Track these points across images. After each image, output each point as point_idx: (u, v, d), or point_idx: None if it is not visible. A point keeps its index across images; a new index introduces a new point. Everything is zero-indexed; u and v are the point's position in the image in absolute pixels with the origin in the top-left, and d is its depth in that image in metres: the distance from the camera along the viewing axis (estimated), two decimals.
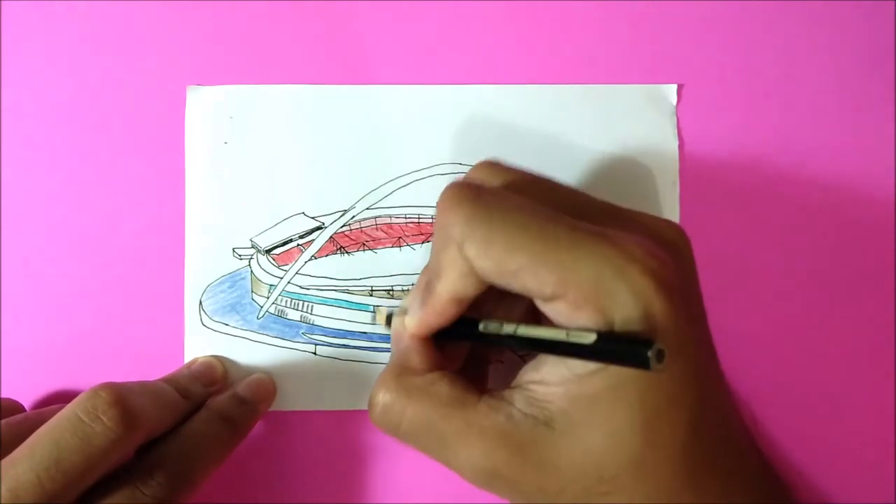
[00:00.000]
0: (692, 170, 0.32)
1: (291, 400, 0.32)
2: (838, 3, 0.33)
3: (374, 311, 0.32)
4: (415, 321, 0.26)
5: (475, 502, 0.31)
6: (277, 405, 0.31)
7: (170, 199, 0.32)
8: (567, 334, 0.22)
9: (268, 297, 0.32)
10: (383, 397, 0.25)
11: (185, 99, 0.32)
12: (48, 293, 0.32)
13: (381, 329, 0.32)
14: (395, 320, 0.27)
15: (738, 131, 0.33)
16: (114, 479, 0.25)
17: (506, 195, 0.24)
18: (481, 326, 0.25)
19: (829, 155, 0.33)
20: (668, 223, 0.26)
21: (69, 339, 0.32)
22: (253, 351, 0.32)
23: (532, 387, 0.24)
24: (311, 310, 0.32)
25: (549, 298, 0.23)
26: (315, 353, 0.32)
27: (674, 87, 0.32)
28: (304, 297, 0.32)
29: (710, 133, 0.33)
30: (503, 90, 0.32)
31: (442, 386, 0.25)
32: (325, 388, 0.32)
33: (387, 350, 0.32)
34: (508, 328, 0.24)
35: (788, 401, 0.32)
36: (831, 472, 0.32)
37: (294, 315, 0.32)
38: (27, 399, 0.31)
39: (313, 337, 0.32)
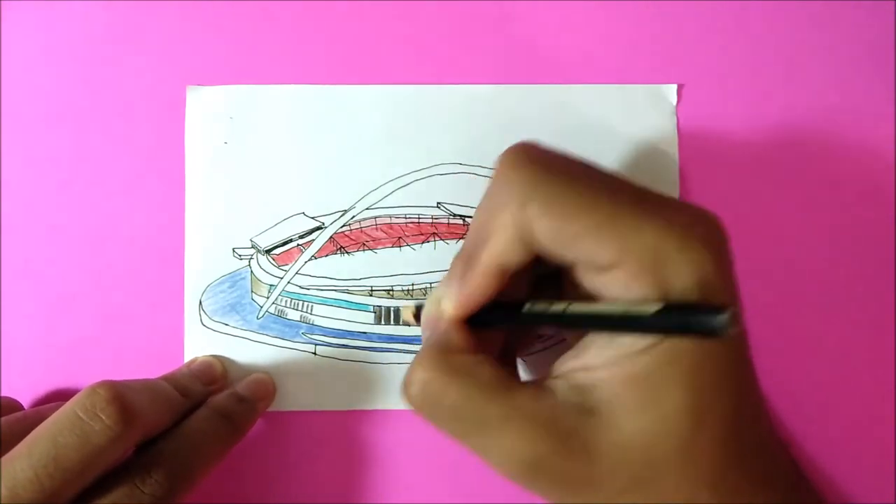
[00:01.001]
0: (692, 170, 0.32)
1: (291, 400, 0.32)
2: (838, 3, 0.33)
3: (381, 311, 0.32)
4: (454, 300, 0.25)
5: (475, 502, 0.31)
6: (277, 405, 0.31)
7: (170, 198, 0.32)
8: (626, 307, 0.22)
9: (268, 297, 0.32)
10: (422, 374, 0.23)
11: (185, 99, 0.32)
12: (48, 293, 0.32)
13: (381, 329, 0.32)
14: (427, 307, 0.26)
15: (738, 131, 0.33)
16: (113, 476, 0.25)
17: (570, 158, 0.24)
18: (527, 307, 0.24)
19: (829, 155, 0.33)
20: (708, 213, 0.25)
21: (69, 339, 0.32)
22: (253, 351, 0.32)
23: (575, 375, 0.23)
24: (311, 310, 0.32)
25: (606, 267, 0.22)
26: (315, 353, 0.32)
27: (674, 87, 0.32)
28: (304, 297, 0.32)
29: (710, 133, 0.33)
30: (503, 90, 0.32)
31: (486, 368, 0.23)
32: (325, 389, 0.32)
33: (387, 350, 0.32)
34: (558, 307, 0.23)
35: (788, 400, 0.32)
36: (831, 472, 0.32)
37: (294, 315, 0.32)
38: (27, 398, 0.31)
39: (313, 337, 0.32)
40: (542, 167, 0.23)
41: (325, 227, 0.32)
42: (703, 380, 0.22)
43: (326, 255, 0.32)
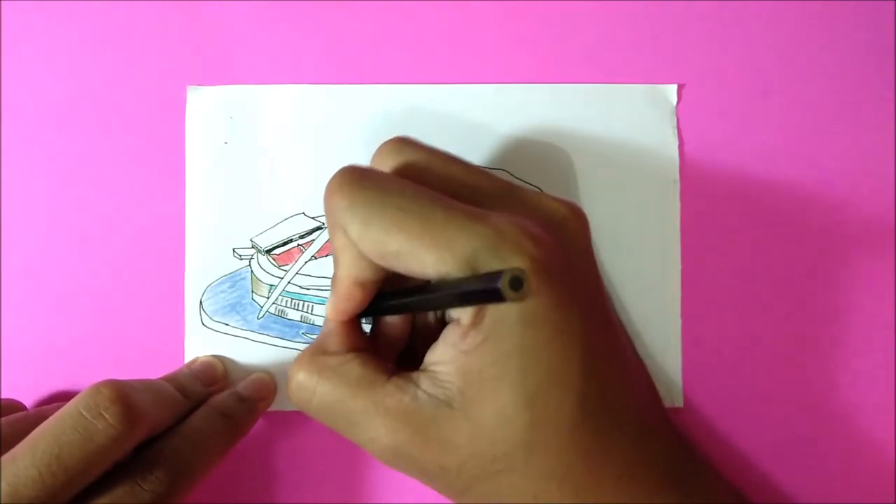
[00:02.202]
0: (692, 170, 0.32)
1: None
2: (838, 3, 0.33)
3: None
4: (328, 307, 0.27)
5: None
6: (277, 405, 0.31)
7: (170, 199, 0.32)
8: (428, 284, 0.24)
9: (268, 297, 0.32)
10: (297, 374, 0.26)
11: (185, 99, 0.32)
12: (48, 293, 0.32)
13: None
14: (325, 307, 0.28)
15: (738, 131, 0.33)
16: (114, 474, 0.25)
17: (387, 178, 0.25)
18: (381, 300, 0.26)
19: (830, 155, 0.33)
20: (562, 202, 0.27)
21: (69, 339, 0.32)
22: (253, 351, 0.32)
23: (433, 367, 0.25)
24: (312, 310, 0.32)
25: (432, 279, 0.24)
26: None
27: (674, 87, 0.32)
28: (305, 298, 0.32)
29: (710, 133, 0.33)
30: (503, 90, 0.32)
31: (353, 366, 0.25)
32: None
33: None
34: (402, 297, 0.26)
35: (789, 401, 0.32)
36: (831, 473, 0.32)
37: (294, 315, 0.32)
38: (28, 398, 0.31)
39: (314, 337, 0.32)
40: (358, 190, 0.24)
41: (326, 227, 0.32)
42: (535, 377, 0.23)
43: (327, 255, 0.32)
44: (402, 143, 0.27)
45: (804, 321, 0.32)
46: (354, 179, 0.25)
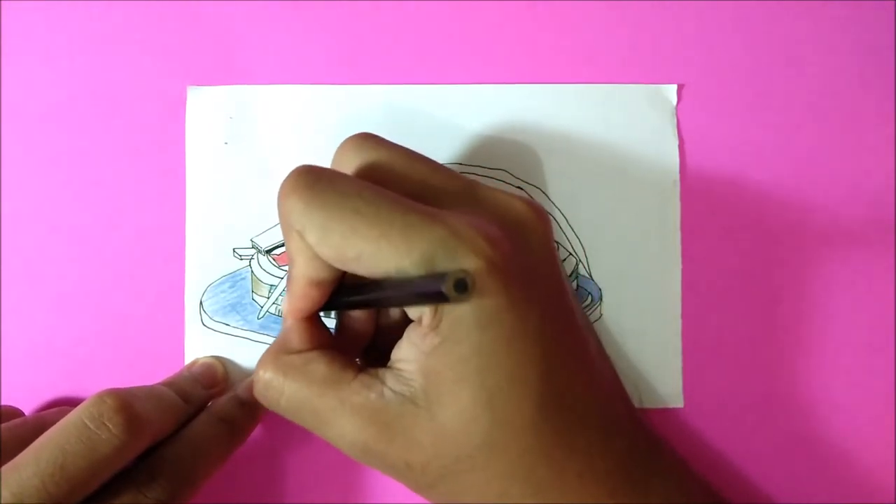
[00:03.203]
0: (692, 170, 0.32)
1: None
2: (838, 3, 0.33)
3: None
4: (285, 306, 0.27)
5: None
6: None
7: (170, 199, 0.32)
8: (382, 282, 0.23)
9: (268, 298, 0.32)
10: (262, 375, 0.26)
11: (185, 99, 0.32)
12: (48, 294, 0.32)
13: None
14: (282, 305, 0.28)
15: (738, 131, 0.33)
16: (116, 482, 0.25)
17: (344, 180, 0.25)
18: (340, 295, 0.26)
19: (830, 155, 0.33)
20: (522, 201, 0.27)
21: (69, 340, 0.32)
22: (254, 351, 0.32)
23: (399, 365, 0.25)
24: None
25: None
26: None
27: (674, 87, 0.32)
28: None
29: (710, 133, 0.33)
30: (503, 90, 0.32)
31: (318, 365, 0.25)
32: None
33: None
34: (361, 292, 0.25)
35: (789, 401, 0.32)
36: (831, 473, 0.32)
37: None
38: (27, 399, 0.31)
39: None
40: (315, 193, 0.24)
41: None
42: (493, 378, 0.23)
43: None
44: (365, 140, 0.27)
45: (804, 321, 0.32)
46: (310, 182, 0.24)
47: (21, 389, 0.31)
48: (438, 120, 0.32)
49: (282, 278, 0.32)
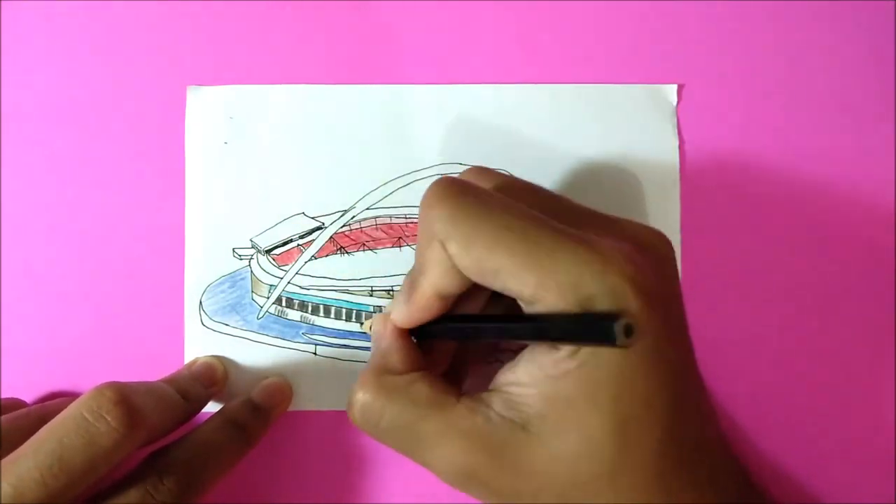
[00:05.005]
0: (692, 170, 0.32)
1: (292, 400, 0.32)
2: (838, 3, 0.33)
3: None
4: (400, 315, 0.26)
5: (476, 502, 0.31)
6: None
7: (170, 199, 0.32)
8: (531, 315, 0.23)
9: (268, 297, 0.32)
10: (363, 397, 0.25)
11: (185, 99, 0.32)
12: (48, 293, 0.32)
13: None
14: (375, 321, 0.27)
15: (738, 131, 0.33)
16: (126, 482, 0.25)
17: (491, 194, 0.24)
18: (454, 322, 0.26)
19: (830, 155, 0.33)
20: (650, 229, 0.26)
21: (69, 340, 0.32)
22: (253, 351, 0.32)
23: (509, 388, 0.24)
24: (311, 310, 0.32)
25: (529, 300, 0.23)
26: (315, 354, 0.32)
27: (674, 87, 0.32)
28: (305, 298, 0.32)
29: (710, 133, 0.33)
30: (503, 90, 0.32)
31: (421, 386, 0.25)
32: (325, 389, 0.32)
33: None
34: (480, 321, 0.25)
35: (789, 401, 0.32)
36: (831, 473, 0.32)
37: (294, 315, 0.32)
38: (28, 398, 0.31)
39: (313, 337, 0.32)
40: (461, 204, 0.23)
41: (326, 227, 0.32)
42: (626, 404, 0.22)
43: (326, 256, 0.32)
44: (484, 170, 0.27)
45: (804, 320, 0.32)
46: (457, 192, 0.24)
47: (21, 390, 0.31)
48: (438, 120, 0.32)
49: (281, 278, 0.32)
